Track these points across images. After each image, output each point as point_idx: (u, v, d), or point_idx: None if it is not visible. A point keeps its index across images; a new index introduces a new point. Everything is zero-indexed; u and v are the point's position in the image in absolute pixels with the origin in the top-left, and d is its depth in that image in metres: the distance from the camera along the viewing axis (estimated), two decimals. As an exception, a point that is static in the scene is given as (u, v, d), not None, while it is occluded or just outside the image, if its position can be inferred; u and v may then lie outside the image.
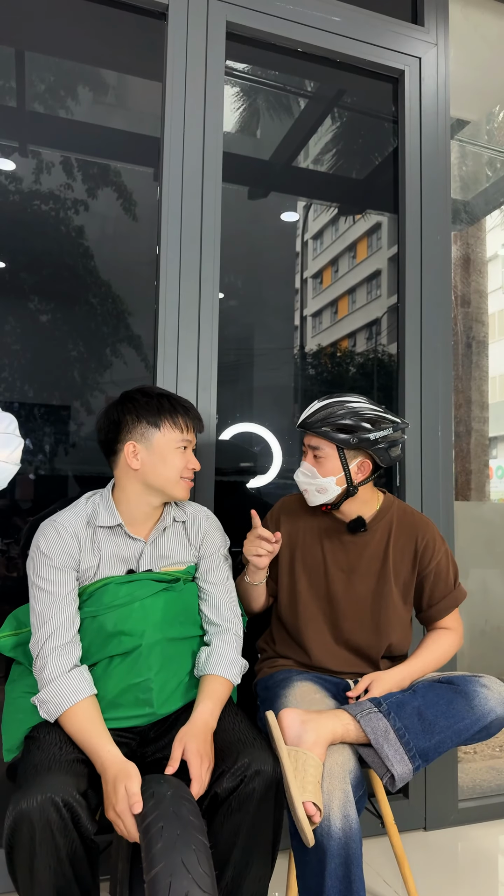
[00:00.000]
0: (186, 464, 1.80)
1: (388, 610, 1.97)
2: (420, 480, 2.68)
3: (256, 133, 2.99)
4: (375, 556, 1.99)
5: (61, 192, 2.46)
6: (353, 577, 1.98)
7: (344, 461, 1.91)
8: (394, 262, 2.87)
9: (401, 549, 2.00)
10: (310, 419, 1.93)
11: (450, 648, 1.99)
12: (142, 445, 1.76)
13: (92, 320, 2.49)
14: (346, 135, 3.10)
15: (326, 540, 2.02)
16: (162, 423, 1.77)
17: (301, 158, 3.02)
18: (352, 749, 1.70)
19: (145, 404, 1.78)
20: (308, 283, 3.17)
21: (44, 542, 1.71)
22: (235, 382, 2.67)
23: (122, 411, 1.79)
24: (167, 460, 1.77)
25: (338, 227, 3.18)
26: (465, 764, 3.14)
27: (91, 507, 1.80)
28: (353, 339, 3.12)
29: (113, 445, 1.80)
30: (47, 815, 1.35)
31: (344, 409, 1.90)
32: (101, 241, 2.50)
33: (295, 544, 2.05)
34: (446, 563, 2.01)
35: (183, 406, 1.81)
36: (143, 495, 1.80)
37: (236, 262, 2.65)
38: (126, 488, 1.80)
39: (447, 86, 2.92)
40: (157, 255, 2.40)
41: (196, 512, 1.95)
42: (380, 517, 2.02)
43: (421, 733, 1.68)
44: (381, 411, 1.92)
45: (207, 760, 1.56)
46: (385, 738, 1.67)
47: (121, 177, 2.55)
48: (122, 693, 1.69)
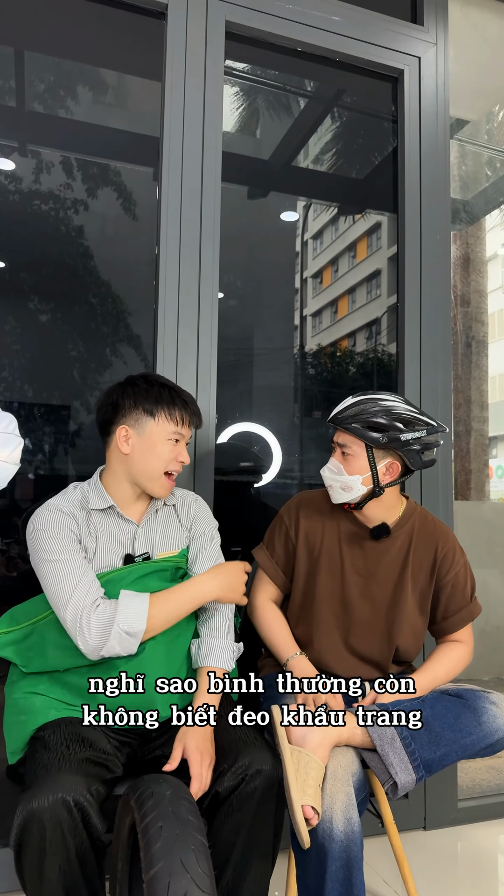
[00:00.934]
0: (176, 456, 1.79)
1: (403, 618, 1.93)
2: (420, 480, 2.68)
3: (256, 133, 2.99)
4: (395, 563, 1.96)
5: (61, 192, 2.46)
6: (371, 583, 1.95)
7: (372, 460, 1.87)
8: (393, 262, 2.87)
9: (420, 557, 1.96)
10: (341, 414, 1.88)
11: (460, 662, 1.94)
12: (134, 431, 1.76)
13: (91, 320, 2.49)
14: (346, 134, 3.10)
15: (346, 543, 1.98)
16: (157, 413, 1.76)
17: (301, 158, 3.02)
18: (355, 752, 1.69)
19: (145, 391, 1.78)
20: (308, 282, 3.17)
21: (40, 522, 1.70)
22: (235, 382, 2.67)
23: (122, 394, 1.79)
24: (156, 450, 1.76)
25: (337, 226, 3.18)
26: (464, 763, 3.14)
27: (80, 493, 1.80)
28: (352, 339, 3.12)
29: (108, 427, 1.80)
30: (58, 815, 1.35)
31: (377, 406, 1.85)
32: (101, 241, 2.50)
33: (314, 544, 2.01)
34: (464, 575, 1.97)
35: (182, 399, 1.80)
36: (126, 482, 1.80)
37: (236, 262, 2.65)
38: (115, 471, 1.80)
39: (447, 85, 2.91)
40: (157, 254, 2.40)
41: (184, 495, 1.95)
42: (402, 524, 1.98)
43: (427, 744, 1.66)
44: (416, 412, 1.86)
45: (208, 757, 1.56)
46: (391, 746, 1.66)
47: (120, 176, 2.55)
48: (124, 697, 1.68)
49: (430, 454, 1.90)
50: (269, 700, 1.91)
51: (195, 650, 1.79)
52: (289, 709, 1.68)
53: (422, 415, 1.87)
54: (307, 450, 2.77)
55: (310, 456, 2.76)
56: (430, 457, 1.90)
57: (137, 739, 1.73)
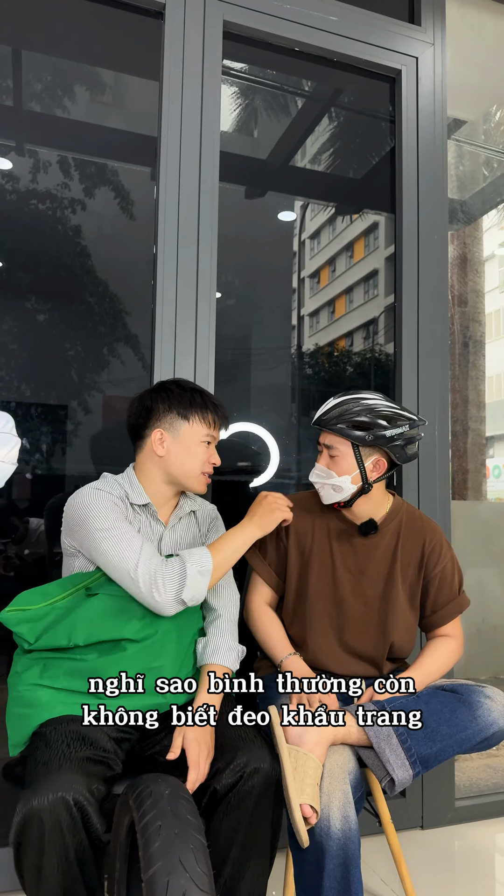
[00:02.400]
0: (209, 458, 1.86)
1: (395, 613, 1.95)
2: (417, 480, 2.68)
3: (254, 132, 2.99)
4: (384, 559, 1.98)
5: (58, 192, 2.46)
6: (362, 580, 1.97)
7: (359, 458, 1.90)
8: (391, 262, 2.87)
9: (408, 552, 1.99)
10: (325, 416, 1.92)
11: (451, 657, 1.96)
12: (169, 434, 1.83)
13: (89, 319, 2.49)
14: (344, 134, 3.10)
15: (336, 541, 2.01)
16: (191, 416, 1.84)
17: (298, 158, 3.02)
18: (352, 750, 1.70)
19: (179, 396, 1.85)
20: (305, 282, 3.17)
21: (88, 497, 1.75)
22: (233, 382, 2.67)
23: (156, 399, 1.85)
24: (191, 451, 1.84)
25: (335, 226, 3.18)
26: (462, 763, 3.14)
27: (118, 485, 1.85)
28: (350, 339, 3.12)
29: (141, 430, 1.87)
30: (58, 814, 1.35)
31: (360, 405, 1.89)
32: (99, 241, 2.50)
33: (305, 544, 2.03)
34: (451, 568, 2.00)
35: (213, 403, 1.88)
36: (163, 483, 1.87)
37: (233, 262, 2.65)
38: (149, 473, 1.87)
39: (444, 85, 2.91)
40: (155, 254, 2.40)
41: (204, 503, 2.03)
42: (389, 519, 2.01)
43: (423, 740, 1.67)
44: (397, 408, 1.91)
45: (206, 749, 1.57)
46: (387, 742, 1.66)
47: (118, 176, 2.55)
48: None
49: (413, 448, 1.95)
50: (267, 700, 1.92)
51: (201, 648, 1.81)
52: (288, 709, 1.69)
53: (402, 410, 1.92)
54: (305, 449, 2.77)
55: (307, 455, 2.77)
56: (414, 450, 1.95)
57: (137, 734, 1.73)
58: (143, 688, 1.67)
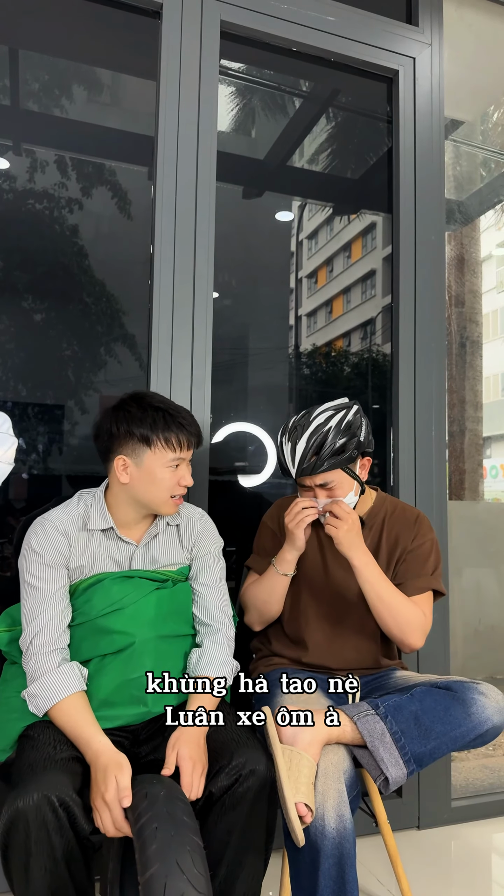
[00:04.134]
0: (178, 481, 1.75)
1: None
2: (414, 480, 2.68)
3: (251, 132, 2.98)
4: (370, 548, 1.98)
5: (56, 191, 2.46)
6: (351, 575, 1.97)
7: (353, 473, 1.92)
8: (388, 262, 2.87)
9: (393, 538, 2.01)
10: (305, 464, 1.86)
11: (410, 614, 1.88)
12: (132, 461, 1.72)
13: (86, 319, 2.48)
14: (341, 134, 3.10)
15: (326, 539, 2.02)
16: (153, 442, 1.71)
17: (296, 158, 3.02)
18: (346, 750, 1.70)
19: (139, 418, 1.71)
20: (303, 282, 3.17)
21: (34, 539, 1.71)
22: (230, 382, 2.66)
23: (114, 422, 1.73)
24: (156, 480, 1.72)
25: (332, 226, 3.18)
26: (458, 763, 3.14)
27: (83, 508, 1.78)
28: (347, 339, 3.12)
29: (106, 454, 1.77)
30: (43, 814, 1.34)
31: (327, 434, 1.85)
32: (96, 240, 2.50)
33: None
34: (429, 550, 1.99)
35: (178, 423, 1.73)
36: (130, 507, 1.78)
37: (231, 262, 2.65)
38: (117, 496, 1.78)
39: (441, 86, 2.91)
40: (151, 254, 2.39)
41: (190, 514, 1.92)
42: (374, 513, 2.04)
43: (417, 738, 1.67)
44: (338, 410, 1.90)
45: (200, 766, 1.55)
46: (381, 741, 1.66)
47: (115, 176, 2.55)
48: (116, 690, 1.68)
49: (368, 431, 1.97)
50: (261, 702, 1.92)
51: (195, 659, 1.79)
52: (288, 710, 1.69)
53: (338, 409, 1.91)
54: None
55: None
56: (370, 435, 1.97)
57: (129, 738, 1.72)
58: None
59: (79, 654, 1.70)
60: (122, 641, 1.70)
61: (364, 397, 2.93)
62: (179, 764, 1.54)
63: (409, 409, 2.71)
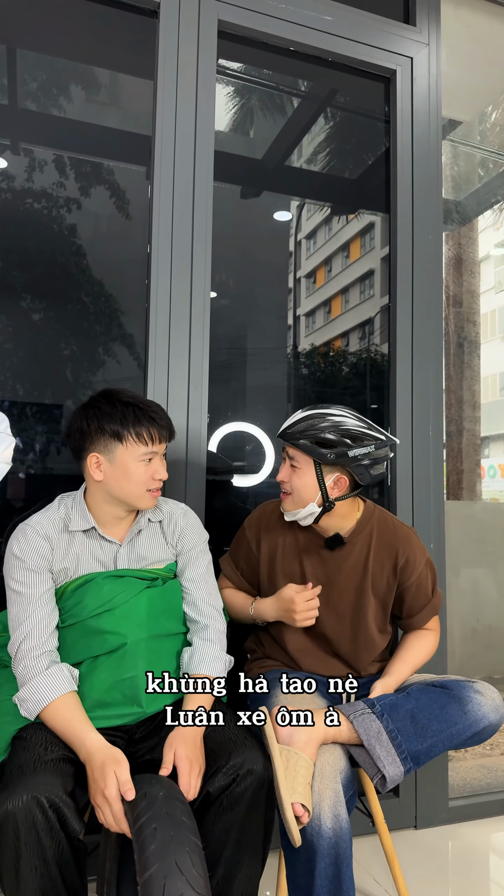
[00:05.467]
0: (152, 475, 1.75)
1: (368, 623, 1.95)
2: (411, 480, 2.68)
3: (249, 132, 2.98)
4: (355, 570, 1.96)
5: (54, 191, 2.46)
6: (332, 592, 1.95)
7: (320, 476, 1.86)
8: (387, 262, 2.87)
9: (380, 562, 1.96)
10: (290, 429, 1.88)
11: (431, 648, 2.00)
12: (104, 458, 1.72)
13: (84, 319, 2.48)
14: (339, 134, 3.10)
15: (305, 555, 1.99)
16: (125, 437, 1.71)
17: (294, 158, 3.02)
18: (343, 749, 1.70)
19: (109, 414, 1.71)
20: (301, 282, 3.17)
21: (16, 544, 1.71)
22: (228, 382, 2.66)
23: (84, 419, 1.73)
24: (130, 475, 1.72)
25: (331, 226, 3.18)
26: (455, 762, 3.15)
27: (63, 511, 1.78)
28: (346, 339, 3.12)
29: (79, 454, 1.77)
30: (33, 815, 1.34)
31: (325, 421, 1.84)
32: (94, 240, 2.50)
33: (274, 559, 2.02)
34: (426, 574, 1.99)
35: (149, 416, 1.73)
36: (108, 504, 1.77)
37: (229, 261, 2.65)
38: (93, 495, 1.78)
39: (439, 86, 2.91)
40: (149, 253, 2.39)
41: (172, 510, 1.92)
42: (359, 530, 1.98)
43: (413, 736, 1.67)
44: (364, 427, 1.85)
45: (198, 766, 1.55)
46: (377, 740, 1.66)
47: (113, 175, 2.54)
48: (110, 690, 1.68)
49: (380, 468, 1.88)
50: (257, 702, 1.92)
51: (187, 658, 1.79)
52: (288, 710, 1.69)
53: (370, 429, 1.86)
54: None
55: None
56: (380, 471, 1.88)
57: (124, 738, 1.72)
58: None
59: (71, 655, 1.70)
60: (114, 642, 1.70)
61: (362, 397, 2.93)
62: (177, 764, 1.54)
63: (406, 408, 2.71)
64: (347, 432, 1.83)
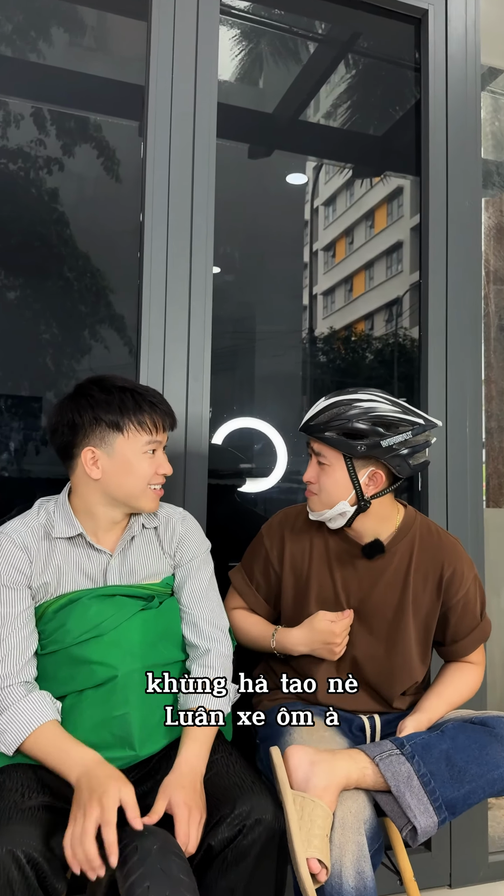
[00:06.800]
0: (156, 469, 1.76)
1: (407, 646, 1.93)
2: (445, 484, 2.67)
3: (258, 82, 2.98)
4: (393, 585, 1.94)
5: (32, 149, 2.46)
6: (367, 608, 1.94)
7: (352, 471, 1.86)
8: (417, 233, 2.87)
9: (423, 576, 1.95)
10: (313, 421, 1.87)
11: (474, 685, 1.97)
12: (102, 451, 1.72)
13: (67, 298, 2.49)
14: (362, 85, 3.09)
15: (337, 565, 1.97)
16: (125, 426, 1.72)
17: (310, 112, 3.02)
18: (367, 795, 1.69)
19: (104, 402, 1.72)
20: (318, 256, 3.17)
21: None
22: (233, 371, 2.67)
23: (77, 410, 1.73)
24: (133, 469, 1.73)
25: (353, 191, 3.18)
26: (496, 811, 3.14)
27: (45, 517, 1.77)
28: (370, 322, 3.12)
29: (69, 450, 1.76)
30: (8, 872, 1.33)
31: (354, 409, 1.83)
32: (79, 206, 2.50)
33: (301, 570, 2.00)
34: (475, 592, 1.97)
35: (149, 402, 1.75)
36: (105, 506, 1.77)
37: (234, 232, 2.65)
38: (86, 497, 1.77)
39: (477, 28, 2.90)
40: (142, 222, 2.39)
41: (169, 514, 1.91)
42: (399, 537, 1.97)
43: (449, 781, 1.66)
44: (398, 411, 1.84)
45: (198, 813, 1.54)
46: (407, 785, 1.65)
47: (101, 131, 2.55)
48: (97, 730, 1.66)
49: (421, 457, 1.89)
50: (268, 740, 1.90)
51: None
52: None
53: (406, 412, 1.85)
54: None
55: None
56: (421, 459, 1.89)
57: None
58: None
59: (51, 688, 1.69)
60: (102, 674, 1.68)
61: (388, 388, 2.93)
62: (173, 812, 1.52)
63: (439, 402, 2.70)
64: (380, 419, 1.82)
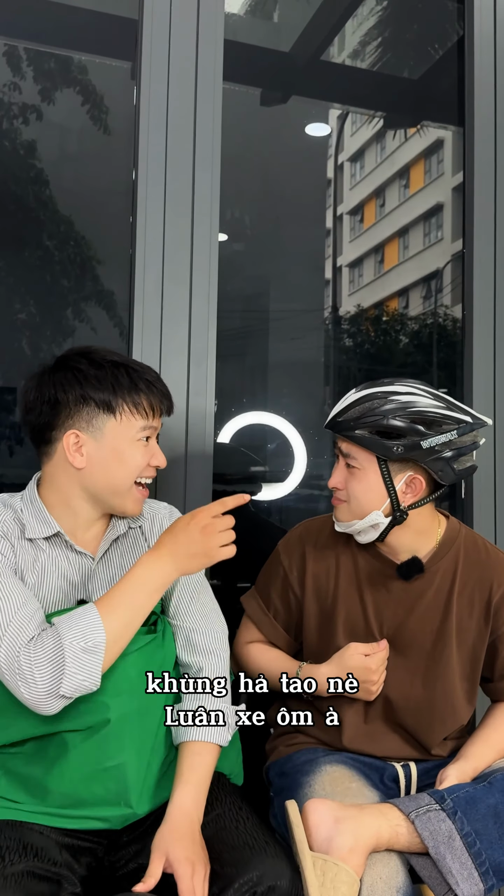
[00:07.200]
0: (150, 459, 1.75)
1: (450, 681, 1.93)
2: (493, 489, 2.66)
3: (273, 15, 2.99)
4: (433, 610, 1.94)
5: (4, 95, 2.47)
6: (403, 637, 1.94)
7: (387, 476, 1.85)
8: (460, 194, 2.86)
9: (469, 599, 1.95)
10: (341, 417, 1.86)
11: None
12: (88, 436, 1.70)
13: (47, 270, 2.50)
14: (395, 18, 3.10)
15: (368, 587, 1.97)
16: (118, 407, 1.70)
17: (334, 51, 3.02)
18: (401, 858, 1.68)
19: (95, 378, 1.70)
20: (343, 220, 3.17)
21: None
22: (242, 356, 2.67)
23: (61, 386, 1.70)
24: (123, 458, 1.72)
25: (384, 144, 3.18)
26: None
27: (11, 514, 1.74)
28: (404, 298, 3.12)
29: (47, 432, 1.73)
30: None
31: (390, 403, 1.82)
32: (60, 162, 2.51)
33: (326, 593, 2.00)
34: None
35: (146, 380, 1.74)
36: (82, 501, 1.76)
37: (244, 192, 2.65)
38: (63, 489, 1.75)
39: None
40: (134, 181, 2.39)
41: (155, 510, 1.92)
42: (441, 554, 1.97)
43: (497, 842, 1.65)
44: (442, 407, 1.83)
45: (202, 868, 1.53)
46: (448, 846, 1.64)
47: (86, 74, 2.56)
48: (87, 783, 1.65)
49: (467, 461, 1.88)
50: (283, 793, 1.89)
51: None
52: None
53: (451, 408, 1.84)
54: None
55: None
56: (468, 463, 1.88)
57: (103, 844, 1.70)
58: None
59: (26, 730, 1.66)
60: (92, 717, 1.67)
61: (427, 377, 2.93)
62: (174, 869, 1.51)
63: (487, 395, 2.70)
64: (421, 416, 1.81)
